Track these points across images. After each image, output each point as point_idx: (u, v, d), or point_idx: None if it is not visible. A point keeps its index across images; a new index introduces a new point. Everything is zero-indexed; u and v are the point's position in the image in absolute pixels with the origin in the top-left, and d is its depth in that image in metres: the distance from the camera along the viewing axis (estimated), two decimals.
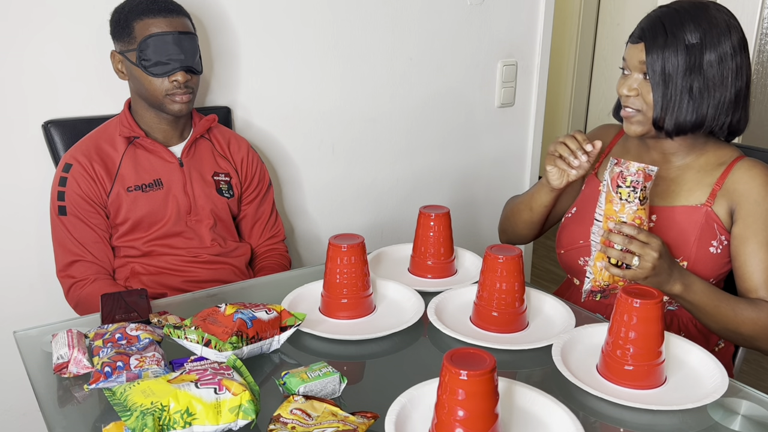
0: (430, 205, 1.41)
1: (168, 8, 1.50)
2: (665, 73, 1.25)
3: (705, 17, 1.25)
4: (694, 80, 1.24)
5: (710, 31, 1.24)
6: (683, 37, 1.24)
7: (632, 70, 1.30)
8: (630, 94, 1.30)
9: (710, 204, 1.31)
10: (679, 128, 1.28)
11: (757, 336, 1.23)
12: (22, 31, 1.59)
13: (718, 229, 1.30)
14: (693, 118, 1.27)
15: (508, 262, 1.16)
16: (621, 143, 1.49)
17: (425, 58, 2.16)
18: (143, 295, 1.22)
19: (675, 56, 1.24)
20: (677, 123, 1.27)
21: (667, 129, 1.29)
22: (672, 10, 1.27)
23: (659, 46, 1.25)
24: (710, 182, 1.32)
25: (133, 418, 0.83)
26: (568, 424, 0.90)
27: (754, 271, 1.25)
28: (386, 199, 2.24)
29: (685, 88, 1.25)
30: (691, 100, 1.25)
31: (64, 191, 1.52)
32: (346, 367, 1.09)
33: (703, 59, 1.24)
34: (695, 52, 1.24)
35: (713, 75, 1.25)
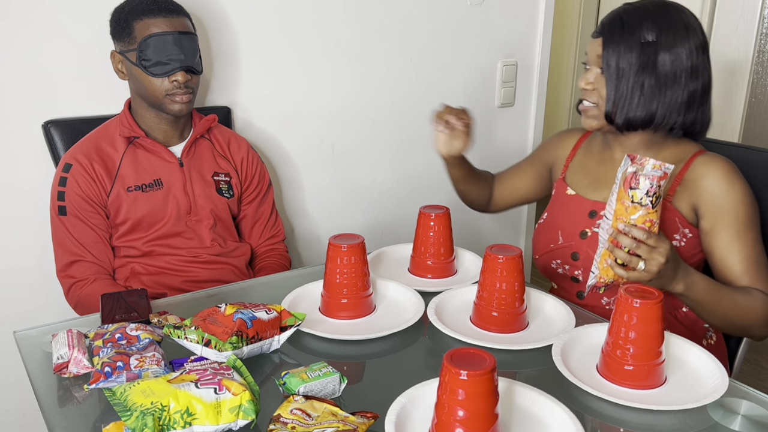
0: (430, 205, 1.42)
1: (168, 8, 1.50)
2: (619, 68, 1.28)
3: (664, 17, 1.27)
4: (646, 78, 1.27)
5: (667, 31, 1.26)
6: (639, 35, 1.27)
7: (591, 65, 1.34)
8: (587, 88, 1.34)
9: (670, 199, 1.33)
10: (629, 124, 1.31)
11: (752, 324, 1.25)
12: (22, 31, 1.59)
13: (680, 222, 1.32)
14: (642, 114, 1.30)
15: (508, 262, 1.16)
16: (585, 146, 1.51)
17: (425, 58, 2.17)
18: (143, 295, 1.22)
19: (629, 53, 1.27)
20: (627, 118, 1.30)
21: (617, 124, 1.32)
22: (633, 8, 1.30)
23: (615, 42, 1.28)
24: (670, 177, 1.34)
25: (133, 418, 0.83)
26: (568, 424, 0.90)
27: (733, 262, 1.27)
28: (386, 199, 2.24)
29: (637, 84, 1.28)
30: (641, 96, 1.28)
31: (64, 191, 1.52)
32: (346, 367, 1.09)
33: (657, 58, 1.26)
34: (649, 50, 1.26)
35: (665, 74, 1.27)
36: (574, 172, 1.50)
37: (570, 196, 1.47)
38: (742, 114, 2.74)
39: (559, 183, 1.52)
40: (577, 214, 1.43)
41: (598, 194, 1.42)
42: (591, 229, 1.40)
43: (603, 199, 1.40)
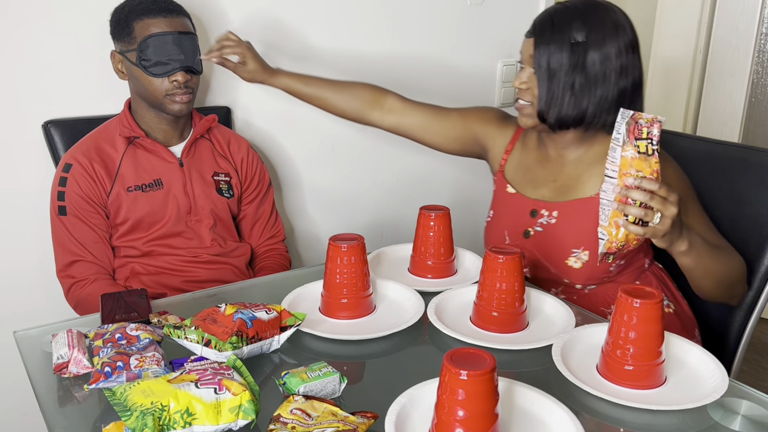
0: (430, 205, 1.41)
1: (168, 8, 1.50)
2: (550, 68, 1.30)
3: (594, 17, 1.29)
4: (577, 77, 1.29)
5: (596, 30, 1.28)
6: (569, 35, 1.29)
7: (525, 64, 1.36)
8: (521, 87, 1.36)
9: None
10: (561, 122, 1.33)
11: (738, 279, 1.31)
12: (22, 30, 1.59)
13: None
14: (574, 113, 1.32)
15: (508, 262, 1.16)
16: (522, 140, 1.52)
17: (425, 58, 2.16)
18: (143, 295, 1.22)
19: (560, 52, 1.29)
20: (559, 117, 1.33)
21: (549, 122, 1.34)
22: (564, 7, 1.32)
23: (546, 42, 1.30)
24: (601, 172, 1.33)
25: (133, 418, 0.83)
26: (568, 424, 0.90)
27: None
28: (386, 199, 2.24)
29: (568, 84, 1.30)
30: (572, 96, 1.30)
31: (64, 191, 1.52)
32: (346, 367, 1.09)
33: (587, 57, 1.28)
34: (579, 50, 1.28)
35: (595, 73, 1.29)
36: (513, 169, 1.51)
37: (511, 194, 1.49)
38: (742, 114, 2.75)
39: (499, 178, 1.53)
40: (519, 214, 1.46)
41: (537, 193, 1.45)
42: (533, 228, 1.43)
43: (542, 197, 1.43)
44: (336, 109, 1.63)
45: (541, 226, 1.42)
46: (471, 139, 1.58)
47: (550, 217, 1.41)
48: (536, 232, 1.42)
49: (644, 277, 1.43)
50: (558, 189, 1.42)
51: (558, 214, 1.40)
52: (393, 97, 1.62)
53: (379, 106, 1.61)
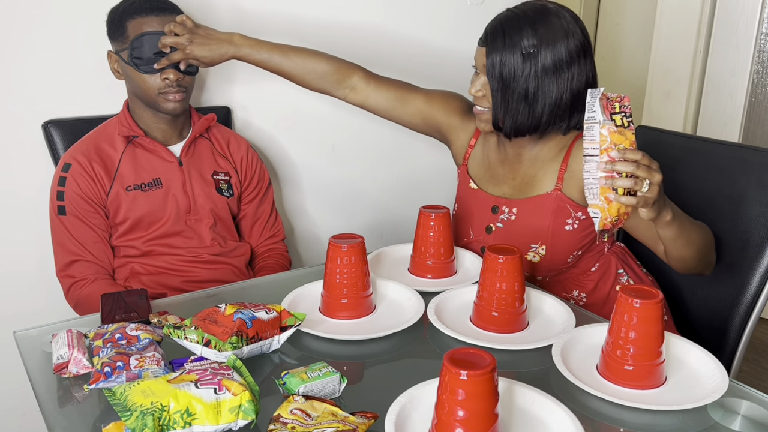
0: (430, 205, 1.41)
1: (161, 7, 1.50)
2: (503, 77, 1.31)
3: (543, 23, 1.29)
4: (530, 85, 1.30)
5: (546, 36, 1.28)
6: (520, 43, 1.29)
7: (480, 71, 1.37)
8: (477, 95, 1.37)
9: (560, 187, 1.39)
10: (517, 131, 1.36)
11: (710, 250, 1.33)
12: (22, 31, 1.59)
13: (572, 207, 1.38)
14: (528, 121, 1.34)
15: (508, 262, 1.16)
16: (484, 136, 1.54)
17: (425, 58, 2.16)
18: (143, 295, 1.22)
19: (512, 61, 1.29)
20: (514, 126, 1.35)
21: (505, 131, 1.37)
22: (514, 15, 1.32)
23: (498, 51, 1.30)
24: (556, 168, 1.40)
25: (133, 418, 0.83)
26: (568, 424, 0.90)
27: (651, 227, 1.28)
28: (386, 199, 2.24)
29: (521, 92, 1.30)
30: (526, 104, 1.32)
31: (63, 191, 1.52)
32: (346, 367, 1.09)
33: (539, 65, 1.29)
34: (531, 58, 1.28)
35: (548, 80, 1.30)
36: (475, 164, 1.54)
37: (473, 190, 1.52)
38: (742, 114, 2.75)
39: (462, 172, 1.56)
40: (482, 209, 1.49)
41: (498, 189, 1.48)
42: (494, 224, 1.47)
43: (502, 194, 1.47)
44: (301, 84, 1.58)
45: (502, 222, 1.46)
46: (433, 126, 1.60)
47: (510, 213, 1.44)
48: (497, 228, 1.47)
49: (604, 259, 1.46)
50: (517, 186, 1.46)
51: (517, 211, 1.43)
52: (357, 77, 1.58)
53: (345, 85, 1.58)
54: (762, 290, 1.41)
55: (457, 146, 1.58)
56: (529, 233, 1.41)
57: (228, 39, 1.49)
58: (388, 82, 1.60)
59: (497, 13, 1.38)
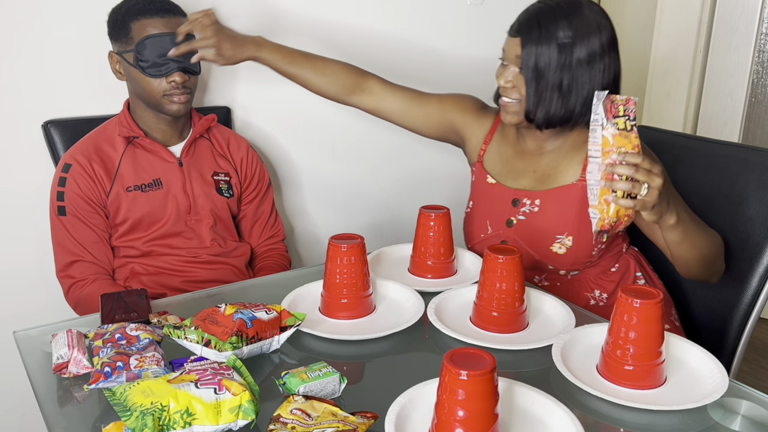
0: (430, 205, 1.41)
1: (165, 8, 1.50)
2: (538, 68, 1.30)
3: (577, 16, 1.30)
4: (564, 77, 1.30)
5: (581, 29, 1.29)
6: (556, 35, 1.29)
7: (509, 63, 1.36)
8: (507, 86, 1.37)
9: (584, 178, 1.37)
10: (549, 122, 1.35)
11: (717, 257, 1.33)
12: (22, 31, 1.59)
13: None
14: (561, 113, 1.33)
15: (508, 262, 1.16)
16: (500, 130, 1.54)
17: (425, 58, 2.16)
18: (143, 295, 1.22)
19: (548, 53, 1.29)
20: (547, 117, 1.34)
21: (537, 122, 1.36)
22: (548, 7, 1.31)
23: (533, 42, 1.30)
24: (580, 159, 1.40)
25: (133, 418, 0.83)
26: (568, 424, 0.90)
27: None
28: (386, 199, 2.24)
29: (556, 84, 1.31)
30: (560, 96, 1.32)
31: (63, 191, 1.52)
32: (346, 367, 1.09)
33: (573, 57, 1.29)
34: (566, 50, 1.29)
35: (582, 72, 1.30)
36: (492, 159, 1.53)
37: (491, 185, 1.50)
38: (742, 114, 2.75)
39: (478, 168, 1.55)
40: (501, 203, 1.48)
41: (518, 183, 1.47)
42: (516, 217, 1.45)
43: (522, 187, 1.45)
44: (316, 89, 1.60)
45: (523, 215, 1.45)
46: (449, 126, 1.59)
47: (532, 205, 1.43)
48: (519, 220, 1.45)
49: (623, 259, 1.47)
50: (538, 179, 1.45)
51: (540, 203, 1.42)
52: (373, 81, 1.60)
53: (360, 89, 1.60)
54: (762, 290, 1.41)
55: (472, 143, 1.57)
56: (555, 224, 1.40)
57: (252, 40, 1.52)
58: (401, 88, 1.62)
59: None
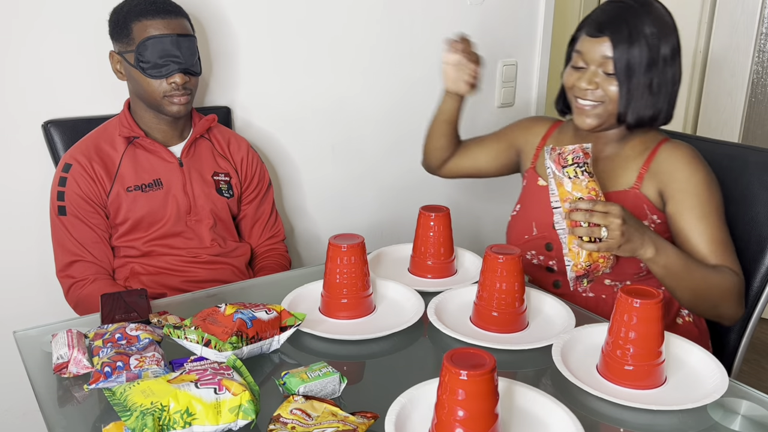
0: (430, 205, 1.41)
1: (166, 9, 1.49)
2: (630, 67, 1.29)
3: (656, 12, 1.31)
4: (654, 75, 1.30)
5: (662, 26, 1.30)
6: (644, 32, 1.28)
7: (590, 64, 1.33)
8: (590, 87, 1.33)
9: (638, 186, 1.36)
10: (639, 122, 1.34)
11: (721, 300, 1.28)
12: (22, 30, 1.59)
13: (649, 209, 1.36)
14: (651, 112, 1.33)
15: (508, 262, 1.16)
16: (555, 136, 1.53)
17: (425, 58, 2.16)
18: (143, 295, 1.22)
19: (639, 51, 1.28)
20: (639, 116, 1.33)
21: (629, 123, 1.34)
22: (628, 6, 1.30)
23: (624, 42, 1.28)
24: (637, 166, 1.38)
25: (133, 418, 0.83)
26: (568, 424, 0.90)
27: (698, 242, 1.30)
28: (386, 199, 2.24)
29: (646, 83, 1.30)
30: (650, 94, 1.31)
31: (63, 191, 1.52)
32: (346, 367, 1.09)
33: (660, 54, 1.30)
34: (654, 47, 1.29)
35: (667, 69, 1.31)
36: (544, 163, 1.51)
37: (542, 187, 1.49)
38: (742, 114, 2.75)
39: (530, 173, 1.54)
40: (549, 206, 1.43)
41: None
42: None
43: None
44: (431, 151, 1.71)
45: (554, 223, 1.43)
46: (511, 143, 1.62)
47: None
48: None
49: None
50: None
51: None
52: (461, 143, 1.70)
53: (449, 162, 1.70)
54: (762, 290, 1.41)
55: (526, 151, 1.58)
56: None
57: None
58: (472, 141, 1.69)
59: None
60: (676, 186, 1.33)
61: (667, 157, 1.35)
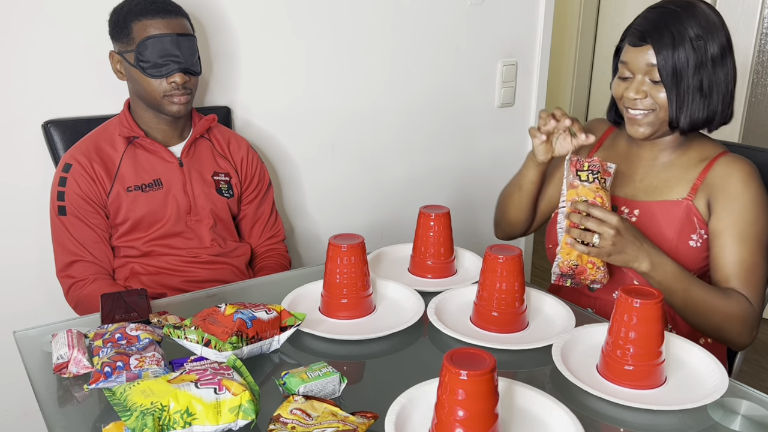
0: (430, 205, 1.41)
1: (166, 9, 1.49)
2: (677, 72, 1.26)
3: (699, 13, 1.27)
4: (703, 76, 1.27)
5: (708, 26, 1.27)
6: (687, 35, 1.25)
7: (636, 73, 1.30)
8: (638, 97, 1.30)
9: (691, 198, 1.33)
10: (693, 125, 1.30)
11: (724, 325, 1.25)
12: (22, 30, 1.59)
13: (698, 223, 1.32)
14: (705, 114, 1.29)
15: (508, 262, 1.16)
16: (611, 139, 1.51)
17: (425, 58, 2.16)
18: (143, 295, 1.22)
19: (684, 54, 1.26)
20: (692, 121, 1.29)
21: (682, 128, 1.31)
22: (670, 10, 1.28)
23: (668, 47, 1.26)
24: (692, 177, 1.34)
25: (133, 418, 0.83)
26: (568, 424, 0.90)
27: (725, 263, 1.27)
28: (386, 199, 2.24)
29: (696, 85, 1.27)
30: (702, 97, 1.28)
31: (63, 191, 1.52)
32: (346, 367, 1.09)
33: (708, 54, 1.26)
34: (701, 48, 1.26)
35: (717, 69, 1.27)
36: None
37: None
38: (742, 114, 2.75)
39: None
40: None
41: (621, 190, 1.41)
42: None
43: (624, 194, 1.41)
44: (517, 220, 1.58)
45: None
46: None
47: (630, 215, 1.38)
48: None
49: None
50: (644, 188, 1.39)
51: (639, 213, 1.37)
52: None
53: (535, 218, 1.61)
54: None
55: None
56: (650, 239, 1.30)
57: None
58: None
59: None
60: (724, 202, 1.29)
61: (723, 171, 1.31)
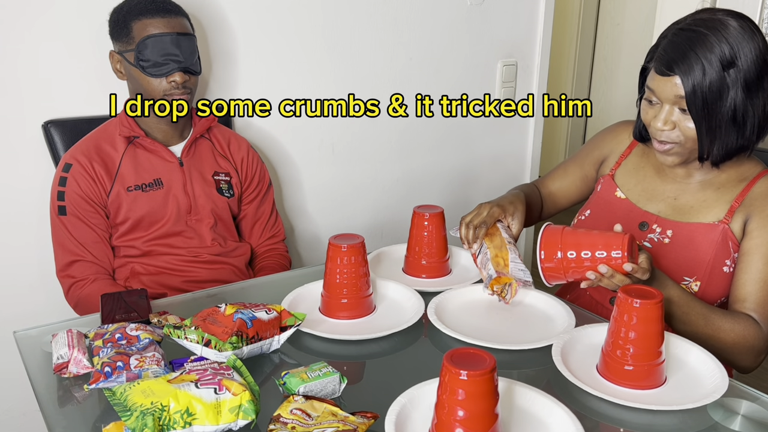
0: (425, 205, 1.41)
1: (166, 8, 1.50)
2: (707, 101, 1.17)
3: (732, 35, 1.16)
4: (737, 103, 1.17)
5: (741, 47, 1.16)
6: (718, 63, 1.15)
7: (664, 102, 1.21)
8: (665, 128, 1.22)
9: (728, 221, 1.26)
10: (727, 155, 1.23)
11: (730, 348, 1.20)
12: (21, 31, 1.58)
13: (733, 246, 1.26)
14: (738, 143, 1.21)
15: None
16: (639, 153, 1.43)
17: (425, 58, 2.17)
18: (143, 295, 1.22)
19: (715, 82, 1.16)
20: (726, 151, 1.22)
21: (714, 160, 1.23)
22: (695, 34, 1.18)
23: (695, 75, 1.16)
24: (729, 199, 1.28)
25: (133, 418, 0.83)
26: (568, 424, 0.90)
27: (747, 281, 1.22)
28: (386, 199, 2.24)
29: (729, 114, 1.18)
30: (734, 125, 1.19)
31: (64, 191, 1.52)
32: (346, 367, 1.09)
33: (741, 81, 1.16)
34: (731, 74, 1.16)
35: (753, 92, 1.17)
36: (626, 174, 1.42)
37: (620, 199, 1.40)
38: None
39: (608, 180, 1.44)
40: (626, 222, 1.36)
41: (652, 206, 1.35)
42: (641, 242, 1.33)
43: (656, 211, 1.34)
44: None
45: (650, 242, 1.33)
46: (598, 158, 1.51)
47: (662, 234, 1.31)
48: (644, 247, 1.32)
49: None
50: (678, 207, 1.32)
51: (672, 234, 1.30)
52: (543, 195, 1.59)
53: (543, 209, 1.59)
54: None
55: (610, 159, 1.47)
56: (684, 264, 1.27)
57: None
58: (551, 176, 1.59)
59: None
60: (759, 221, 1.23)
61: (762, 191, 1.25)
